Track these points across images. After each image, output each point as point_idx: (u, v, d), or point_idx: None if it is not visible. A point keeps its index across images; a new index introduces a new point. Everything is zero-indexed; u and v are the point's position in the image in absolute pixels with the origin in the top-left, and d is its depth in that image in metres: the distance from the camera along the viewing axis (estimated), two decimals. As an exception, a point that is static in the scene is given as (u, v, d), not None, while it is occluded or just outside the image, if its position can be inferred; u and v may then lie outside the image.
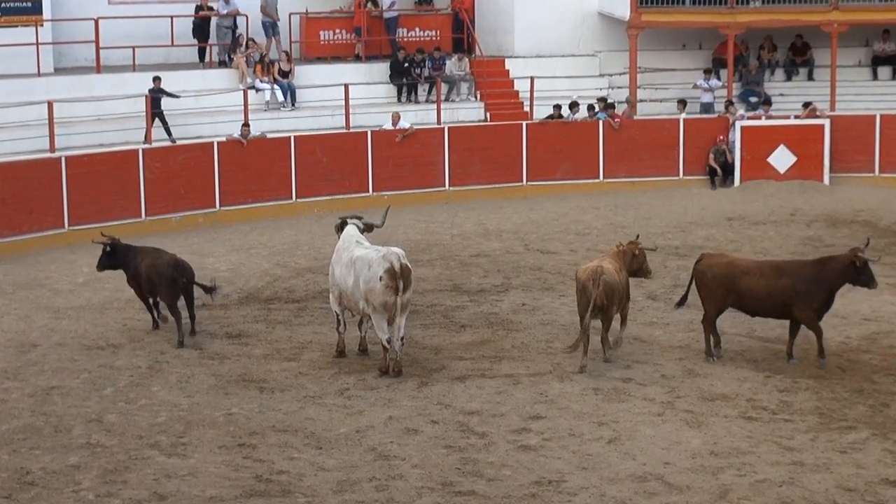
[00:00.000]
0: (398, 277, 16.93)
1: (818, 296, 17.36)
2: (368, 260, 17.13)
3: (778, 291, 17.38)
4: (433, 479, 13.97)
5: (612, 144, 30.11)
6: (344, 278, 17.43)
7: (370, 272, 17.00)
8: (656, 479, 13.92)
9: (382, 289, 16.89)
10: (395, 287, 16.89)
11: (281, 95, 29.74)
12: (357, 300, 17.24)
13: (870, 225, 26.44)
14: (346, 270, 17.38)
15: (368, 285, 16.99)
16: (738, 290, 17.56)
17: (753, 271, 17.64)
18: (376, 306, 16.98)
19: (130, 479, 13.98)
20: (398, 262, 17.01)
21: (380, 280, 16.91)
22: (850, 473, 14.00)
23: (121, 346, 18.79)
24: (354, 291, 17.23)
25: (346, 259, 17.51)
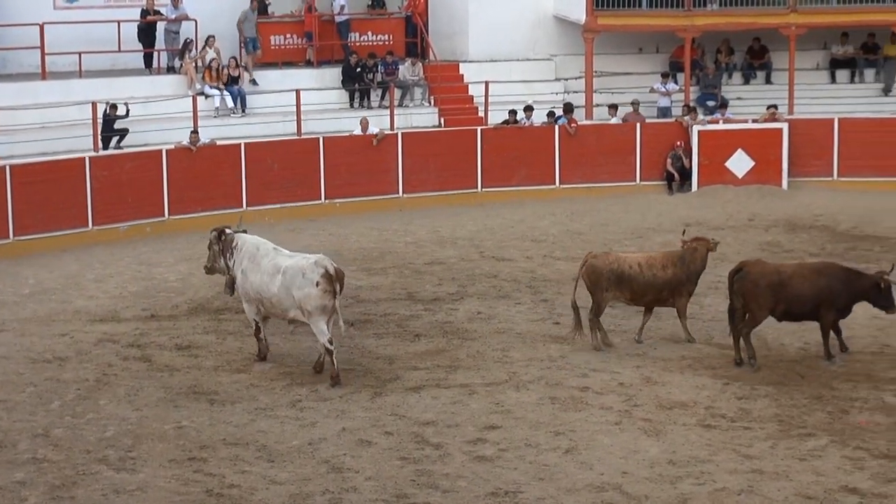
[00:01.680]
0: (335, 281, 17.48)
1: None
2: (300, 268, 17.65)
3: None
4: (388, 491, 13.98)
5: (569, 150, 30.19)
6: (267, 286, 17.85)
7: (304, 279, 17.52)
8: (614, 489, 13.97)
9: (320, 293, 17.41)
10: (332, 291, 17.45)
11: (231, 101, 29.67)
12: (286, 308, 17.73)
13: (828, 230, 26.63)
14: (269, 278, 17.83)
15: (303, 292, 17.48)
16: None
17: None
18: (312, 311, 17.44)
19: (78, 494, 13.93)
20: (332, 267, 17.55)
21: (317, 286, 17.37)
22: (809, 481, 14.10)
23: (67, 358, 18.70)
24: (283, 299, 17.69)
25: (268, 267, 17.96)
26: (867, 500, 13.60)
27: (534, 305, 21.27)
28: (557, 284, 22.53)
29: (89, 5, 30.50)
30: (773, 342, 18.90)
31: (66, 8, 30.34)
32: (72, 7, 30.43)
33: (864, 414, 16.10)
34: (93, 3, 30.58)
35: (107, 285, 22.82)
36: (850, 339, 18.87)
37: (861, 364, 17.97)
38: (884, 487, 13.91)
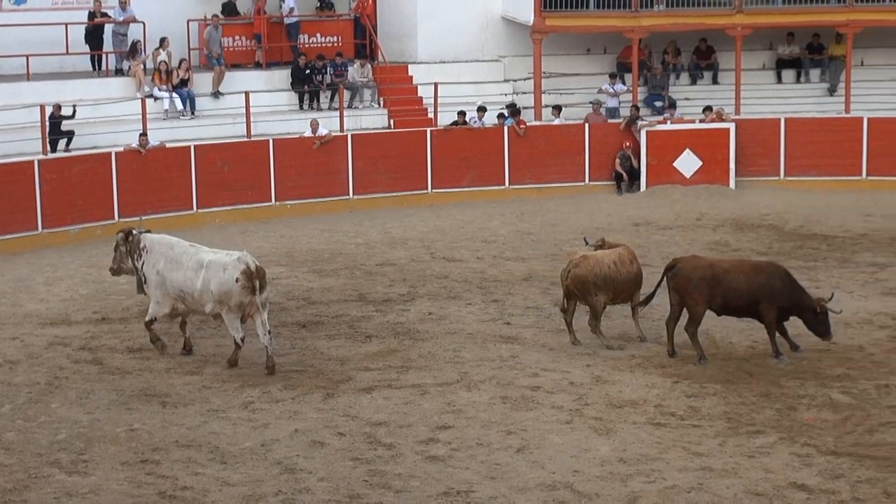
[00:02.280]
0: (255, 278, 17.85)
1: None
2: (222, 264, 18.04)
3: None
4: (340, 491, 14.01)
5: (518, 151, 30.28)
6: (192, 281, 18.14)
7: (226, 275, 17.93)
8: (565, 487, 14.04)
9: (240, 290, 17.82)
10: (252, 287, 17.83)
11: (180, 104, 29.60)
12: (205, 302, 18.07)
13: (776, 229, 26.79)
14: (193, 274, 18.15)
15: (224, 287, 17.90)
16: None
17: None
18: (231, 307, 17.92)
19: (30, 498, 13.89)
20: (253, 264, 17.95)
21: (236, 282, 17.79)
22: (758, 478, 14.20)
23: (18, 362, 18.62)
24: (203, 294, 18.02)
25: (192, 263, 18.26)
26: (815, 497, 13.71)
27: (484, 306, 21.33)
28: (508, 285, 22.61)
29: (37, 7, 30.35)
30: (721, 340, 19.04)
31: (13, 10, 30.16)
32: (19, 9, 30.26)
33: (811, 411, 16.23)
34: (40, 6, 30.43)
35: (57, 288, 22.73)
36: (797, 338, 19.00)
37: (808, 362, 18.11)
38: (831, 483, 14.04)
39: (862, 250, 24.85)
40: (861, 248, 24.99)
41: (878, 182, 30.30)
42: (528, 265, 24.04)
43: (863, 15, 31.40)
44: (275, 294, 22.14)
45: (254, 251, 24.96)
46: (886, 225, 26.91)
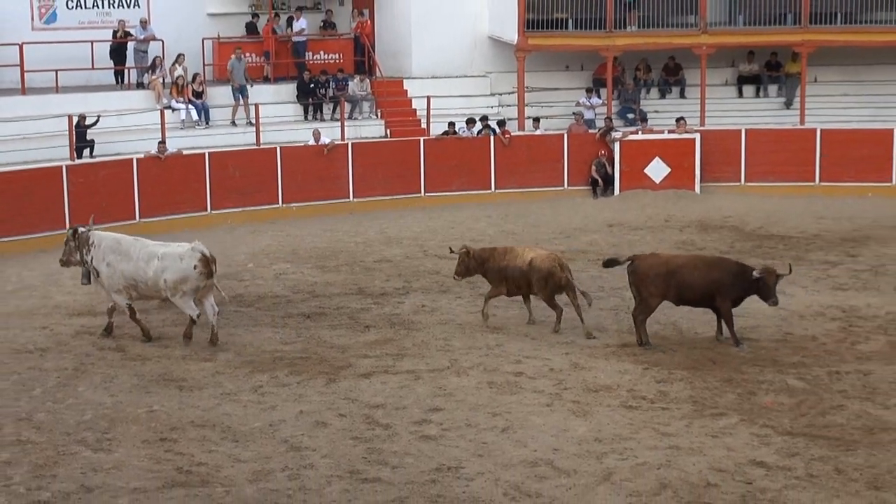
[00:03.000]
0: (210, 264, 18.53)
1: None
2: (178, 254, 18.58)
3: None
4: (341, 467, 14.00)
5: (503, 158, 30.29)
6: (143, 271, 18.59)
7: (183, 264, 18.48)
8: (546, 464, 14.04)
9: (197, 275, 18.41)
10: (208, 272, 18.47)
11: (195, 114, 29.59)
12: (160, 289, 18.59)
13: (737, 230, 26.82)
14: (144, 264, 18.61)
15: (181, 275, 18.44)
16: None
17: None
18: (186, 291, 18.44)
19: (59, 473, 13.87)
20: (207, 252, 18.58)
21: (195, 269, 18.38)
22: (721, 455, 14.21)
23: (48, 349, 18.59)
24: (157, 281, 18.51)
25: (142, 255, 18.70)
26: (772, 473, 13.72)
27: (473, 299, 21.31)
28: (494, 280, 22.59)
29: (65, 27, 30.38)
30: (687, 331, 19.05)
31: (43, 29, 30.18)
32: (49, 28, 30.28)
33: (769, 395, 16.24)
34: (68, 25, 30.46)
35: (83, 282, 22.70)
36: (756, 329, 19.10)
37: (766, 350, 18.14)
38: (787, 461, 14.05)
39: (815, 249, 24.88)
40: (814, 248, 25.01)
41: (830, 188, 30.33)
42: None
43: (816, 36, 31.43)
44: (281, 288, 22.19)
45: (262, 249, 25.18)
46: (837, 227, 26.96)
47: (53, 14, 30.51)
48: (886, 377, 16.89)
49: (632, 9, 31.81)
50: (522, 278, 19.36)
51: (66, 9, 30.61)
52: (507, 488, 13.41)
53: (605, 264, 19.12)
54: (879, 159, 30.32)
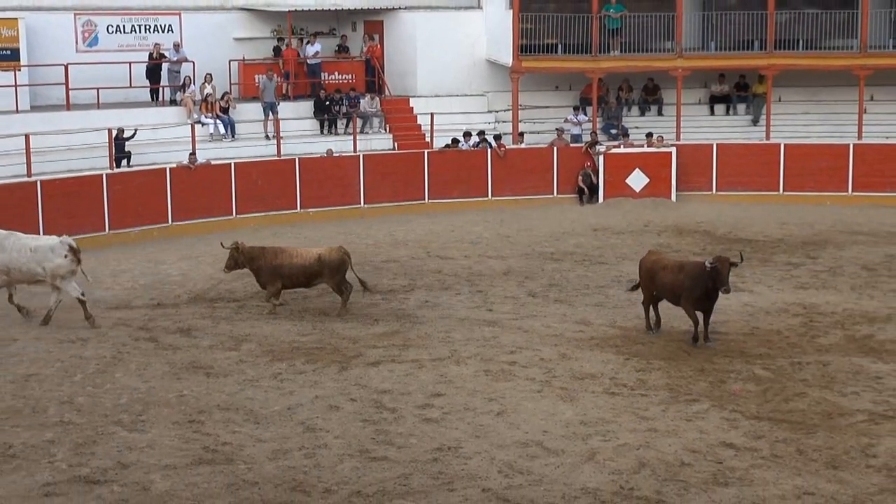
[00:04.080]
0: (77, 253, 19.22)
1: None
2: (49, 246, 19.23)
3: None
4: (353, 447, 13.95)
5: (499, 169, 30.23)
6: (15, 260, 19.09)
7: (54, 254, 19.14)
8: (536, 444, 14.00)
9: (69, 263, 19.14)
10: (77, 260, 19.20)
11: (223, 129, 29.53)
12: (35, 274, 19.17)
13: (709, 234, 26.75)
14: (17, 255, 19.10)
15: (55, 262, 19.09)
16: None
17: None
18: (64, 275, 19.10)
19: (98, 451, 13.83)
20: (74, 243, 19.33)
21: (65, 257, 19.09)
22: (694, 437, 14.17)
23: (88, 339, 18.53)
24: (32, 268, 19.10)
25: (17, 245, 19.17)
26: (741, 453, 13.68)
27: (471, 295, 21.26)
28: (490, 278, 22.54)
29: (106, 49, 30.35)
30: (665, 325, 18.97)
31: (86, 51, 30.12)
32: (91, 51, 30.22)
33: (738, 383, 16.21)
34: (108, 47, 30.43)
35: (120, 279, 22.64)
36: (725, 323, 19.03)
37: (735, 343, 18.08)
38: (754, 443, 14.01)
39: (779, 252, 24.81)
40: (778, 251, 24.94)
41: (793, 196, 30.26)
42: (506, 262, 23.98)
43: (781, 60, 31.39)
44: (299, 285, 22.13)
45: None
46: (799, 231, 26.89)
47: (95, 37, 30.45)
48: (843, 367, 16.85)
49: (615, 35, 31.77)
50: (303, 274, 19.84)
51: (106, 33, 30.55)
52: (501, 466, 13.36)
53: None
54: (837, 171, 30.28)
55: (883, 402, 15.38)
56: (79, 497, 12.61)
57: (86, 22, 30.33)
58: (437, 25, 32.18)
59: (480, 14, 32.40)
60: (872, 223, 27.61)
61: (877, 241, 25.70)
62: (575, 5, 32.19)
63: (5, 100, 27.86)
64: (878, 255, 24.23)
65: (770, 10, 31.12)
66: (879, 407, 15.21)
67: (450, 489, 12.79)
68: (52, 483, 12.92)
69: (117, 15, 30.65)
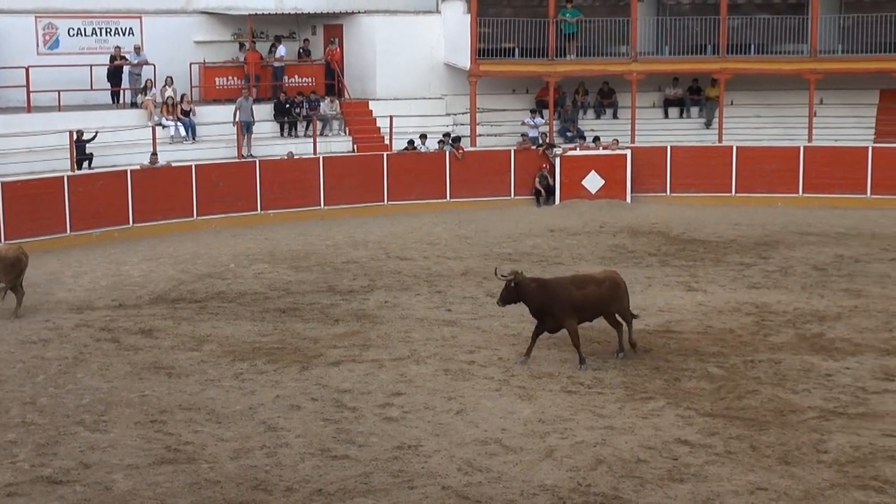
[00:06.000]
0: None
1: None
2: None
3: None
4: (314, 446, 13.93)
5: (457, 171, 30.24)
6: None
7: None
8: (495, 442, 14.02)
9: None
10: None
11: (184, 131, 29.37)
12: None
13: (663, 235, 26.85)
14: None
15: None
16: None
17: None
18: None
19: (60, 451, 13.74)
20: None
21: None
22: (650, 435, 14.24)
23: (50, 340, 18.40)
24: None
25: None
26: (695, 450, 13.76)
27: (430, 296, 21.27)
28: (449, 279, 22.55)
29: (67, 52, 30.07)
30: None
31: (47, 54, 29.86)
32: (52, 53, 29.97)
33: (692, 381, 16.29)
34: (70, 50, 30.16)
35: (82, 280, 22.48)
36: (680, 322, 19.13)
37: (689, 341, 18.16)
38: (708, 439, 14.09)
39: (731, 252, 24.95)
40: (731, 251, 25.08)
41: (745, 198, 30.45)
42: (465, 263, 24.00)
43: (733, 64, 31.56)
44: (259, 285, 22.05)
45: (243, 251, 25.05)
46: (751, 232, 27.05)
47: (56, 40, 30.20)
48: (795, 365, 16.97)
49: (571, 39, 31.85)
50: None
51: (67, 36, 30.30)
52: (460, 464, 13.37)
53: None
54: (788, 173, 30.50)
55: (833, 399, 15.50)
56: (41, 497, 12.51)
57: (47, 25, 30.08)
58: (396, 29, 32.15)
59: (439, 18, 32.40)
60: (822, 224, 27.82)
61: (826, 242, 25.90)
62: (532, 10, 32.27)
63: (-34, 102, 27.65)
64: (827, 256, 24.43)
65: (723, 16, 31.31)
66: (830, 404, 15.34)
67: (410, 487, 12.78)
68: (14, 483, 12.82)
69: (78, 18, 30.41)
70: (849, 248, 25.14)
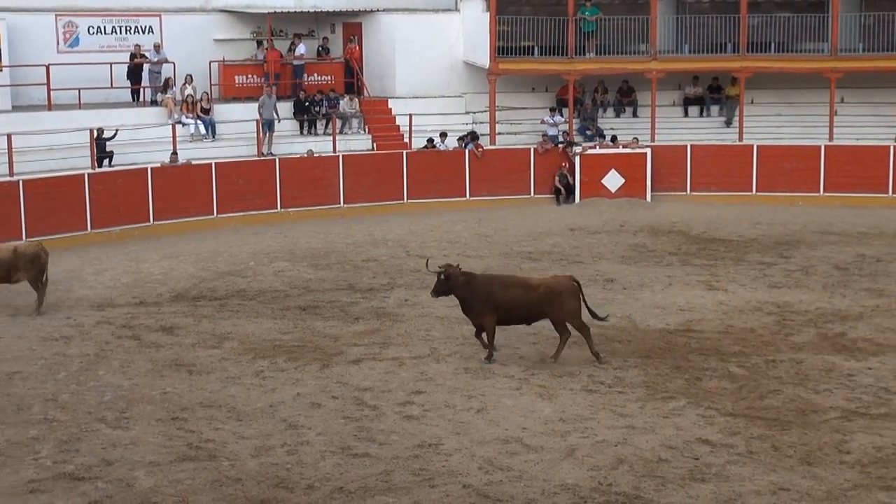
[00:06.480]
0: None
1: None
2: None
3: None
4: (334, 444, 13.94)
5: (476, 169, 30.26)
6: None
7: None
8: (516, 441, 14.01)
9: None
10: None
11: (203, 129, 29.45)
12: None
13: (683, 234, 26.80)
14: None
15: None
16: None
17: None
18: None
19: (82, 448, 13.79)
20: None
21: None
22: (671, 434, 14.22)
23: (72, 337, 18.47)
24: None
25: None
26: (717, 449, 13.73)
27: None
28: (468, 277, 22.52)
29: (87, 49, 30.18)
30: (640, 323, 19.04)
31: (67, 52, 29.97)
32: (72, 51, 30.07)
33: (713, 381, 16.26)
34: (90, 48, 30.26)
35: (103, 278, 22.56)
36: (701, 322, 19.11)
37: (710, 341, 18.13)
38: (730, 439, 14.06)
39: (752, 251, 24.90)
40: (752, 250, 25.03)
41: (765, 197, 30.39)
42: (484, 261, 23.97)
43: (753, 63, 31.51)
44: (280, 283, 22.09)
45: (263, 249, 25.10)
46: (772, 231, 26.99)
47: (76, 38, 30.30)
48: (816, 365, 16.93)
49: (590, 38, 31.81)
50: (1, 268, 19.66)
51: (87, 34, 30.40)
52: (481, 462, 13.37)
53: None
54: (809, 172, 30.42)
55: (855, 399, 15.46)
56: (63, 494, 12.56)
57: (67, 23, 30.19)
58: (415, 27, 32.16)
59: (458, 16, 32.40)
60: (844, 223, 27.74)
61: (848, 241, 25.82)
62: (551, 8, 32.22)
63: (-14, 100, 27.78)
64: (849, 255, 24.36)
65: (743, 14, 31.25)
66: (852, 404, 15.30)
67: (431, 485, 12.79)
68: (36, 480, 12.87)
69: (98, 16, 30.52)
70: (870, 248, 25.06)
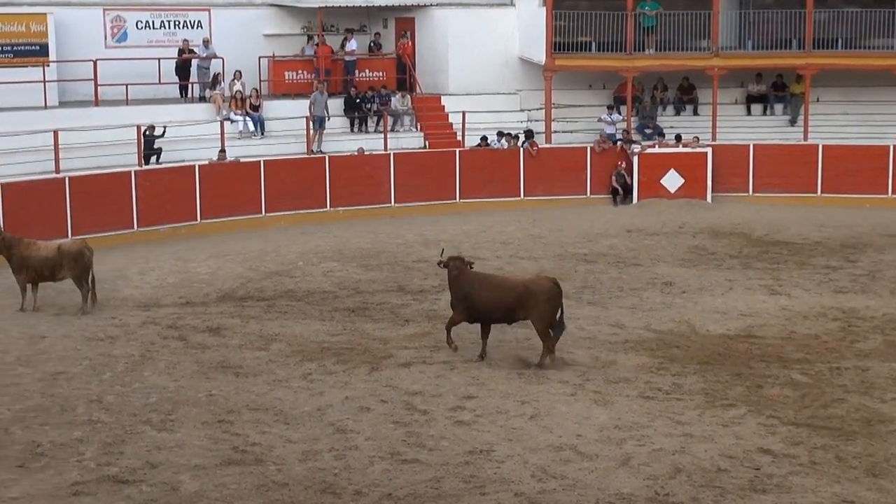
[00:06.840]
0: None
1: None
2: None
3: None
4: (383, 449, 13.94)
5: (531, 168, 30.23)
6: None
7: None
8: (570, 448, 13.95)
9: None
10: None
11: (252, 126, 29.62)
12: None
13: (745, 236, 26.63)
14: None
15: None
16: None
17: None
18: None
19: (126, 450, 13.87)
20: None
21: None
22: (731, 443, 14.10)
23: (117, 337, 18.61)
24: None
25: None
26: (778, 460, 13.60)
27: (503, 297, 21.19)
28: (522, 279, 22.48)
29: (135, 45, 30.47)
30: (700, 328, 18.92)
31: (115, 47, 30.27)
32: (120, 46, 30.36)
33: (775, 388, 16.11)
34: (138, 43, 30.54)
35: (149, 277, 22.73)
36: (763, 327, 18.95)
37: (772, 347, 17.98)
38: (792, 449, 13.93)
39: (817, 255, 24.68)
40: (816, 253, 24.81)
41: (831, 198, 30.14)
42: (538, 263, 23.94)
43: (819, 59, 31.26)
44: (329, 284, 22.16)
45: (312, 249, 25.21)
46: (837, 234, 26.75)
47: (125, 33, 30.58)
48: (883, 373, 16.74)
49: (650, 33, 31.68)
50: (46, 266, 19.87)
51: (135, 28, 30.68)
52: (534, 470, 13.33)
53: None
54: (876, 173, 30.15)
55: (924, 409, 15.29)
56: (107, 496, 12.65)
57: (115, 17, 30.47)
58: (469, 22, 32.19)
59: (513, 11, 32.38)
60: (912, 226, 27.48)
61: (917, 245, 25.57)
62: (609, 3, 32.07)
63: (34, 95, 28.02)
64: (918, 259, 24.11)
65: (808, 9, 31.00)
66: (920, 414, 15.13)
67: (482, 493, 12.76)
68: (80, 482, 12.97)
69: (146, 10, 30.80)
70: (940, 252, 24.79)
